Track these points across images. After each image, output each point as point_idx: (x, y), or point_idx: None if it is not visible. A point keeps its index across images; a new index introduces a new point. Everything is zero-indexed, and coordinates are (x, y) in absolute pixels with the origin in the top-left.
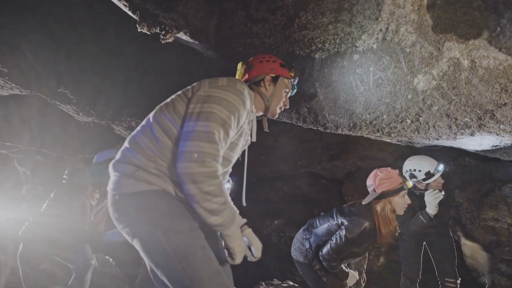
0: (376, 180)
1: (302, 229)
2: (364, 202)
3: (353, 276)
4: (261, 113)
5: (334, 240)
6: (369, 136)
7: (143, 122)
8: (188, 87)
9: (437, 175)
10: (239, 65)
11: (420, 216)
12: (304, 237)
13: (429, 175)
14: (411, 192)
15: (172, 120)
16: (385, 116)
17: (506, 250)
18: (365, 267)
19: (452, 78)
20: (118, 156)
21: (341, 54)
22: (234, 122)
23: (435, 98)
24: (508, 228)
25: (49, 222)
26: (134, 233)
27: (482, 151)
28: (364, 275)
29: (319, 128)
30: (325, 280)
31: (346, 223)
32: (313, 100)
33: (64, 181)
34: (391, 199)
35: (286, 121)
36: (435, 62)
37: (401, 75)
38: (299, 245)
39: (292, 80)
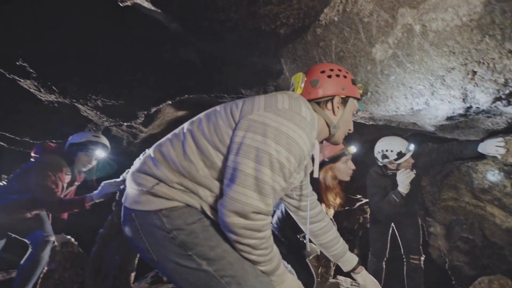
0: None
1: None
2: None
3: (313, 249)
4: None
5: (279, 210)
6: None
7: (176, 130)
8: (238, 101)
9: (408, 155)
10: (299, 76)
11: (393, 195)
12: None
13: (400, 155)
14: (383, 174)
15: (211, 141)
16: None
17: (464, 228)
18: None
19: (406, 45)
20: (138, 164)
21: (305, 29)
22: (295, 164)
23: (391, 67)
24: (465, 207)
25: (7, 196)
26: (159, 258)
27: (440, 127)
28: None
29: None
30: (284, 252)
31: None
32: (280, 78)
33: (32, 159)
34: (332, 165)
35: None
36: (390, 30)
37: (361, 46)
38: None
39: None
